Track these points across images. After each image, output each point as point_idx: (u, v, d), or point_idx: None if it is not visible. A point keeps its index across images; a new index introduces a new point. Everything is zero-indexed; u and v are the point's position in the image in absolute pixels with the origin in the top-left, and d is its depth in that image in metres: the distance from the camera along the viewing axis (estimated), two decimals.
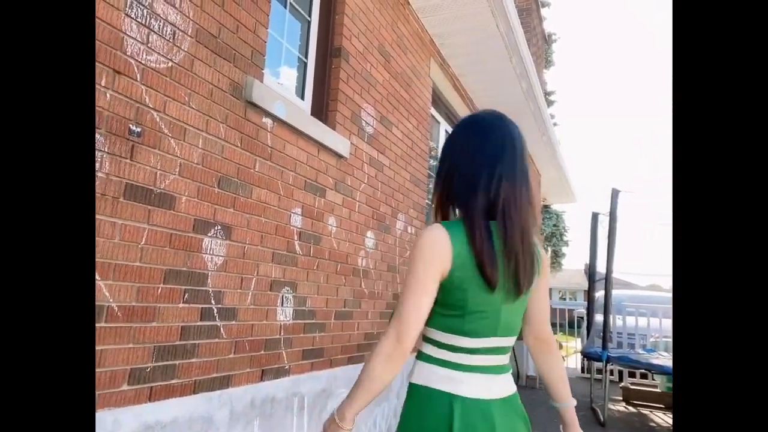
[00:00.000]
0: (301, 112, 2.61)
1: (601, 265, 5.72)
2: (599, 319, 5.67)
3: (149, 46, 1.74)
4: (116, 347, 1.62)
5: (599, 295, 5.82)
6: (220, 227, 2.06)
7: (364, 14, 3.24)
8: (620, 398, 6.39)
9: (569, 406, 1.27)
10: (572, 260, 39.62)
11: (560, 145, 7.97)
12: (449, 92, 5.00)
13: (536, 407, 4.83)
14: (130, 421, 1.64)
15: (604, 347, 5.11)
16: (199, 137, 1.95)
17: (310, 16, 2.95)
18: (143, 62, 1.72)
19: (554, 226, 13.36)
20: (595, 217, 5.95)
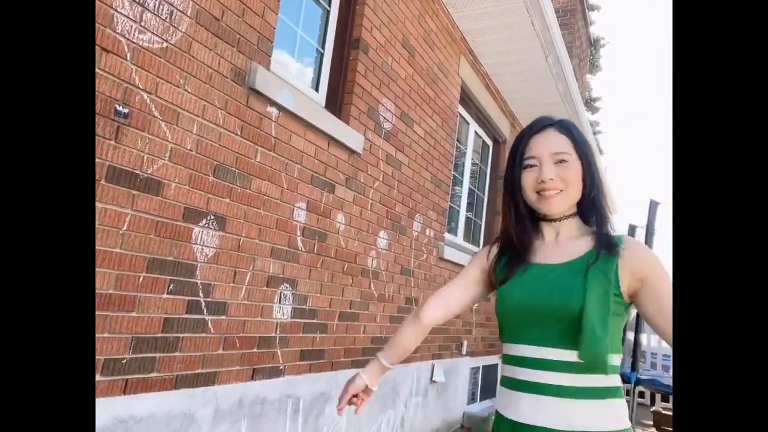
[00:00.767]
0: (310, 102, 2.51)
1: None
2: (631, 337, 5.37)
3: (142, 24, 1.68)
4: None
5: (633, 311, 5.50)
6: (213, 217, 1.98)
7: (387, 5, 3.12)
8: (650, 423, 6.02)
9: None
10: None
11: (602, 154, 7.62)
12: (480, 91, 4.80)
13: None
14: (100, 413, 1.58)
15: (633, 368, 4.81)
16: (194, 122, 1.88)
17: (329, 5, 2.86)
18: (135, 41, 1.65)
19: None
20: (632, 229, 5.72)
